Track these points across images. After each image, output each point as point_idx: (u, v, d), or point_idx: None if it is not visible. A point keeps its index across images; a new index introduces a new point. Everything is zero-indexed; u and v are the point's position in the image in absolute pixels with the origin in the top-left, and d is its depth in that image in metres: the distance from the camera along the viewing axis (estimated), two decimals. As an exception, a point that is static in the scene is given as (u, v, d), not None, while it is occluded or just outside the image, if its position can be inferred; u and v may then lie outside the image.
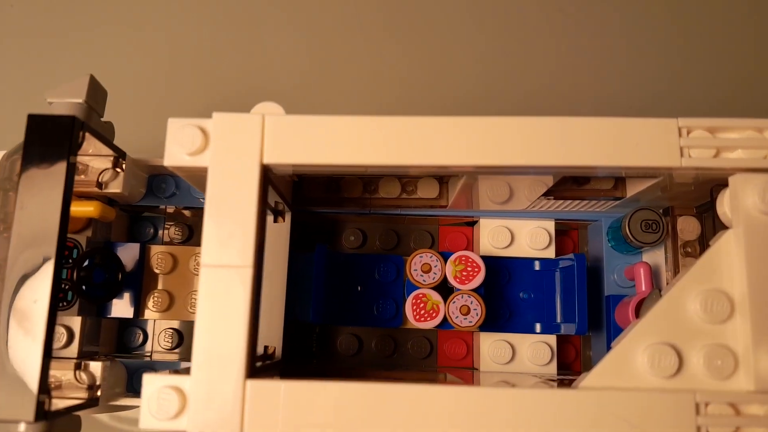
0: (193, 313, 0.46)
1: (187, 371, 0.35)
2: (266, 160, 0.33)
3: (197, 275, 0.46)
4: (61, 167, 0.34)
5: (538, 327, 0.45)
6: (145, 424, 0.31)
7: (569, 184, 0.41)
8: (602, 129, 0.33)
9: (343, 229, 0.49)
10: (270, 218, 0.43)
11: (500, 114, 0.34)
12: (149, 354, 0.47)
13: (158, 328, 0.47)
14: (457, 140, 0.33)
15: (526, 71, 0.59)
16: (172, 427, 0.31)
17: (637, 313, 0.39)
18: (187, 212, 0.48)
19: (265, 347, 0.42)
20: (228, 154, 0.33)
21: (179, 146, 0.34)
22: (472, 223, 0.48)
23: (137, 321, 0.47)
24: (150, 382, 0.32)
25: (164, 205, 0.46)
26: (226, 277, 0.32)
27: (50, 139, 0.35)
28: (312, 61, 0.63)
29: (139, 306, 0.46)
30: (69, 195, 0.34)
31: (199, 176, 0.37)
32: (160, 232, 0.49)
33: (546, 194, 0.41)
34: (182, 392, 0.31)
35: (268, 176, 0.35)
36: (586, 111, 0.36)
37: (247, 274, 0.32)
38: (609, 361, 0.32)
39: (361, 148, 0.33)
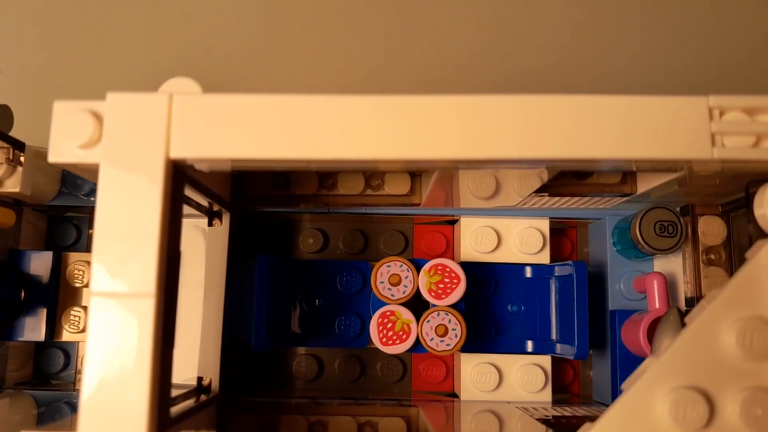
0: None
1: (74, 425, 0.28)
2: (174, 154, 0.25)
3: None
4: None
5: (529, 345, 0.38)
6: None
7: (568, 177, 0.33)
8: (611, 110, 0.26)
9: (300, 230, 0.41)
10: (203, 222, 0.36)
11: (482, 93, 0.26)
12: (73, 381, 0.40)
13: (82, 350, 0.40)
14: (428, 127, 0.25)
15: (515, 39, 0.50)
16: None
17: (650, 337, 0.32)
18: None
19: (200, 379, 0.35)
20: (124, 146, 0.25)
21: (67, 137, 0.26)
22: (453, 221, 0.40)
23: (56, 343, 0.40)
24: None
25: (83, 204, 0.38)
26: (120, 308, 0.25)
27: None
28: (257, 26, 0.52)
29: (53, 326, 0.38)
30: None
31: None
32: (85, 234, 0.41)
33: (540, 190, 0.33)
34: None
35: (184, 173, 0.27)
36: (589, 89, 0.28)
37: (148, 304, 0.25)
38: (620, 409, 0.25)
39: (301, 137, 0.26)
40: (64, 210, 0.41)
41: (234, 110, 0.26)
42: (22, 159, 0.34)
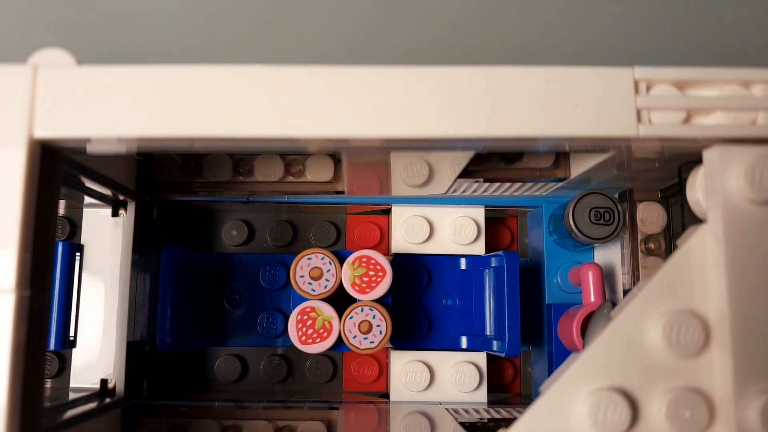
0: None
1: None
2: (39, 133, 0.23)
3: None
4: None
5: (464, 342, 0.35)
6: None
7: (496, 161, 0.31)
8: (527, 82, 0.23)
9: (222, 221, 0.38)
10: (106, 212, 0.33)
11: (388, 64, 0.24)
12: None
13: None
14: (331, 101, 0.23)
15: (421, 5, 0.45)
16: None
17: (583, 333, 0.30)
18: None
19: (104, 381, 0.32)
20: (-19, 125, 0.23)
21: None
22: (388, 211, 0.38)
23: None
24: None
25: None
26: (-24, 307, 0.22)
27: None
28: None
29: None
30: None
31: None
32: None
33: (471, 175, 0.31)
34: None
35: (60, 156, 0.25)
36: (507, 61, 0.25)
37: (7, 300, 0.22)
38: (537, 412, 0.23)
39: (186, 112, 0.23)
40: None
41: (109, 83, 0.23)
42: None
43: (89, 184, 0.30)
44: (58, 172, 0.25)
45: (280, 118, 0.23)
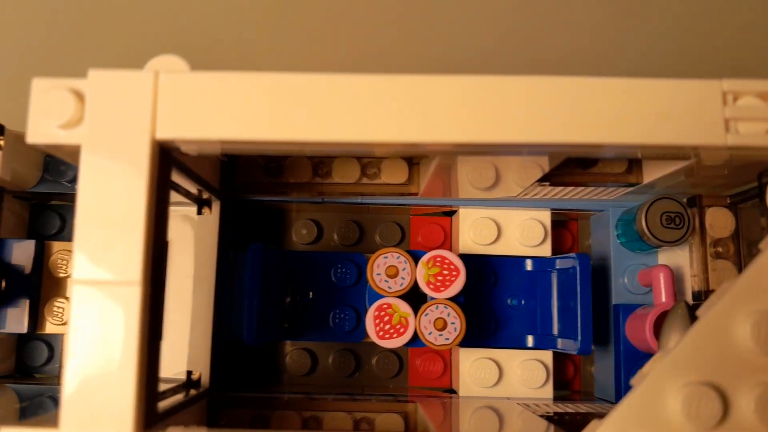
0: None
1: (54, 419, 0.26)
2: (161, 135, 0.24)
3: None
4: None
5: (530, 341, 0.36)
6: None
7: (572, 166, 0.32)
8: (620, 94, 0.24)
9: (293, 221, 0.40)
10: (191, 210, 0.34)
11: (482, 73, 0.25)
12: (57, 375, 0.39)
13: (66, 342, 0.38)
14: (427, 108, 0.24)
15: (525, 20, 0.47)
16: None
17: (657, 332, 0.31)
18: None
19: (189, 373, 0.34)
20: (107, 126, 0.24)
21: (46, 116, 0.25)
22: (452, 212, 0.39)
23: (39, 335, 0.38)
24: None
25: (66, 191, 0.37)
26: (105, 297, 0.23)
27: None
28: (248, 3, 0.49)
29: (36, 318, 0.37)
30: None
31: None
32: (69, 223, 0.40)
33: (541, 180, 0.32)
34: (46, 455, 0.23)
35: (170, 157, 0.26)
36: (601, 73, 0.27)
37: (134, 292, 0.23)
38: (630, 405, 0.24)
39: (294, 117, 0.24)
40: (48, 198, 0.39)
41: (224, 89, 0.24)
42: (1, 143, 0.33)
43: (182, 182, 0.31)
44: (170, 170, 0.26)
45: (374, 125, 0.25)
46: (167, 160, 0.26)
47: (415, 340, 0.34)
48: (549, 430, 0.28)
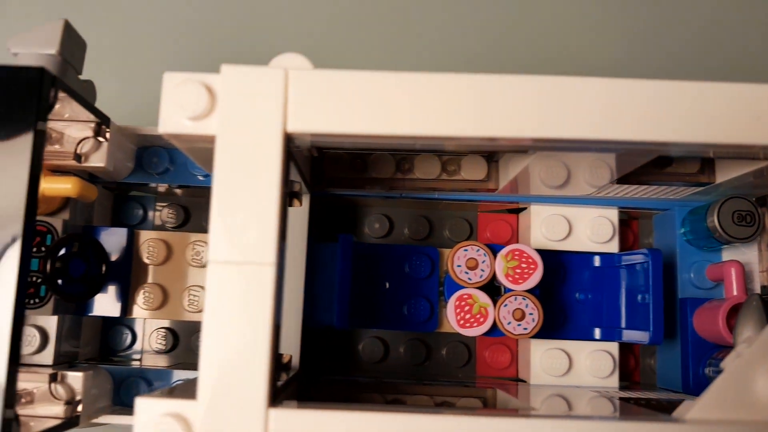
0: (191, 311, 0.39)
1: (188, 391, 0.28)
2: (290, 128, 0.26)
3: (195, 266, 0.39)
4: (27, 132, 0.27)
5: (597, 333, 0.38)
6: (138, 466, 0.24)
7: (648, 166, 0.34)
8: (719, 96, 0.26)
9: (366, 215, 0.41)
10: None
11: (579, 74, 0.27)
12: (139, 358, 0.40)
13: (149, 327, 0.40)
14: (545, 106, 0.26)
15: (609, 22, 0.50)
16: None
17: (729, 323, 0.33)
18: (180, 191, 0.41)
19: (280, 356, 0.35)
20: (242, 118, 0.26)
21: (178, 108, 0.26)
22: (516, 210, 0.41)
23: (124, 320, 0.40)
24: (145, 408, 0.25)
25: (156, 182, 0.39)
26: (241, 277, 0.25)
27: (13, 96, 0.27)
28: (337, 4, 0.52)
29: (126, 303, 0.38)
30: (38, 166, 0.27)
31: (200, 148, 0.30)
32: (150, 214, 0.41)
33: (620, 180, 0.34)
34: (186, 422, 0.25)
35: (291, 149, 0.28)
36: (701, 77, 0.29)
37: (268, 272, 0.25)
38: (723, 386, 0.26)
39: (419, 113, 0.26)
40: (130, 188, 0.41)
41: (348, 86, 0.26)
42: (107, 134, 0.35)
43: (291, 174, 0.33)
44: (290, 160, 0.28)
45: (483, 121, 0.26)
46: (290, 152, 0.27)
47: (494, 329, 0.36)
48: (639, 409, 0.30)
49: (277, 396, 0.27)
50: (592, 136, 0.26)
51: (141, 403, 0.25)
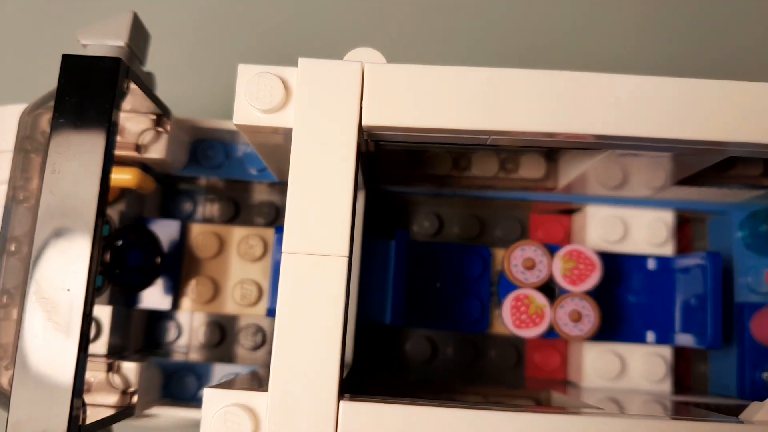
0: (241, 305, 0.39)
1: (258, 384, 0.28)
2: (366, 121, 0.26)
3: (247, 260, 0.39)
4: (102, 121, 0.27)
5: (649, 336, 0.38)
6: (210, 457, 0.24)
7: (710, 168, 0.34)
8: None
9: (416, 213, 0.41)
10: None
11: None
12: (185, 352, 0.40)
13: (195, 322, 0.40)
14: (622, 104, 0.26)
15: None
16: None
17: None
18: (228, 185, 0.41)
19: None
20: (318, 111, 0.26)
21: (253, 100, 0.26)
22: (569, 211, 0.41)
23: (172, 313, 0.40)
24: (213, 398, 0.25)
25: (209, 176, 0.39)
26: (315, 268, 0.25)
27: (90, 86, 0.27)
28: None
29: (177, 296, 0.38)
30: (111, 156, 0.27)
31: (269, 143, 0.30)
32: (200, 208, 0.42)
33: (682, 181, 0.34)
34: (255, 414, 0.25)
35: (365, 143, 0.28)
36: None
37: (342, 264, 0.25)
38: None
39: (485, 108, 0.26)
40: (178, 181, 0.41)
41: (422, 80, 0.26)
42: (167, 126, 0.35)
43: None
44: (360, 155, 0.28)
45: (556, 116, 0.26)
46: (362, 144, 0.27)
47: (550, 331, 0.35)
48: (701, 412, 0.29)
49: (345, 389, 0.27)
50: (664, 135, 0.26)
51: (209, 393, 0.25)
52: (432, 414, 0.24)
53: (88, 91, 0.27)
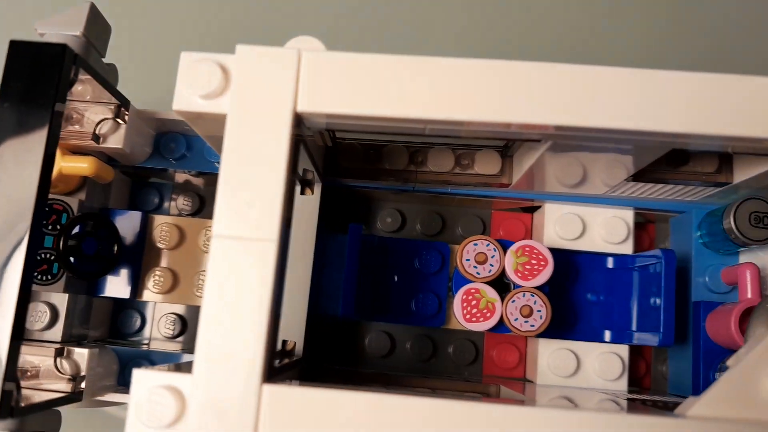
0: (201, 296, 0.39)
1: (188, 367, 0.28)
2: (300, 108, 0.26)
3: (207, 252, 0.39)
4: (46, 106, 0.28)
5: (607, 335, 0.38)
6: (133, 433, 0.24)
7: (663, 164, 0.34)
8: (739, 88, 0.26)
9: (379, 209, 0.41)
10: (296, 189, 0.36)
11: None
12: (147, 342, 0.41)
13: (159, 312, 0.41)
14: (559, 92, 0.26)
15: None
16: (164, 439, 0.24)
17: (742, 327, 0.32)
18: (198, 180, 0.42)
19: (284, 342, 0.35)
20: (253, 97, 0.26)
21: (192, 86, 0.27)
22: (531, 209, 0.41)
23: (135, 303, 0.41)
24: (141, 379, 0.25)
25: (173, 168, 0.39)
26: (243, 251, 0.25)
27: (36, 71, 0.28)
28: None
29: (137, 285, 0.39)
30: (54, 140, 0.28)
31: (217, 134, 0.30)
32: (167, 202, 0.42)
33: (634, 177, 0.33)
34: (180, 395, 0.25)
35: (302, 132, 0.28)
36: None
37: (270, 249, 0.25)
38: (727, 384, 0.25)
39: (430, 97, 0.26)
40: (148, 175, 0.41)
41: (358, 68, 0.26)
42: (126, 117, 0.35)
43: (301, 159, 0.33)
44: (300, 142, 0.28)
45: (492, 106, 0.26)
46: (300, 134, 0.28)
47: (500, 325, 0.35)
48: (644, 408, 0.29)
49: (274, 375, 0.27)
50: (606, 125, 0.26)
51: (138, 374, 0.25)
52: (356, 398, 0.24)
53: (33, 76, 0.28)
